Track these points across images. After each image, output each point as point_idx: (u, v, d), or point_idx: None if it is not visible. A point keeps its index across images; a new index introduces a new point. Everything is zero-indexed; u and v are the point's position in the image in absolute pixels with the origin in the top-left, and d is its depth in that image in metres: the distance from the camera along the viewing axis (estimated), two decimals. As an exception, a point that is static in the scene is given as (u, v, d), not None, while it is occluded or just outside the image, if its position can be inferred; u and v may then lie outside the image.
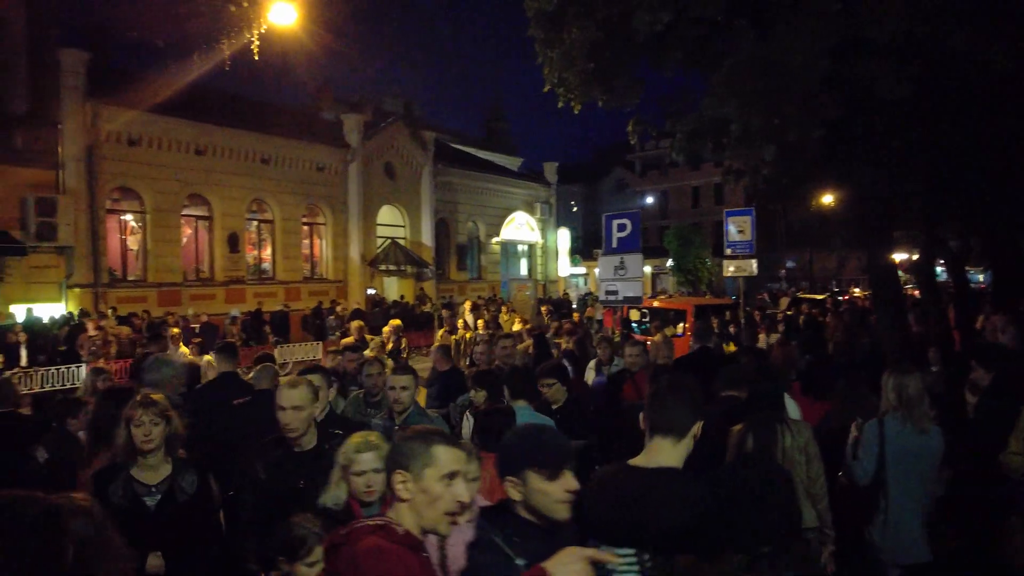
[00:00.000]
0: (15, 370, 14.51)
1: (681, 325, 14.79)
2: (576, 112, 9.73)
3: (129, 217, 23.07)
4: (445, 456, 2.16)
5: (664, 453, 2.62)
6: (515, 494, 2.23)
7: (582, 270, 44.17)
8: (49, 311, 19.07)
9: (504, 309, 21.01)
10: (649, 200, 56.54)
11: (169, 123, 22.63)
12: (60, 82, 20.22)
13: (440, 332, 14.85)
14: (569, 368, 6.83)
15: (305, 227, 28.48)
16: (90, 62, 20.79)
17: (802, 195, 16.21)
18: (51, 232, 19.75)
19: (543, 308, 21.90)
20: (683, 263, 41.92)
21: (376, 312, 23.27)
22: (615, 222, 9.86)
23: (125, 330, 17.80)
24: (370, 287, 29.30)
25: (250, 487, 3.67)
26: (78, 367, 15.47)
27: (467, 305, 21.21)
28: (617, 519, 2.48)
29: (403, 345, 10.73)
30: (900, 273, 15.78)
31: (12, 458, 4.49)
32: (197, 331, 17.94)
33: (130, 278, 22.90)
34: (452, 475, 2.14)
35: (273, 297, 25.49)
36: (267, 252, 27.33)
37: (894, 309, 9.53)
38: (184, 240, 24.26)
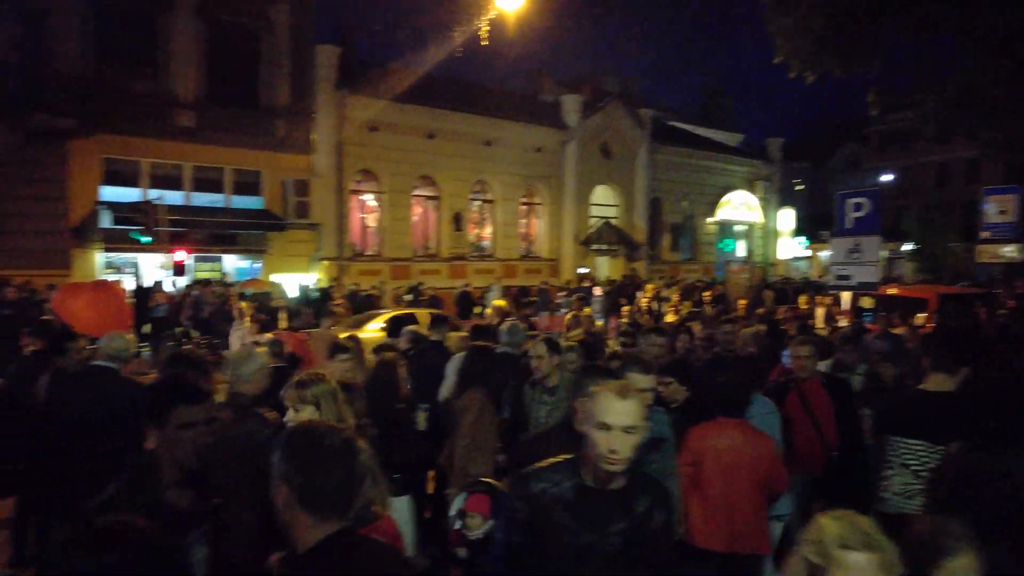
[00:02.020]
0: (278, 332, 16.58)
1: (921, 315, 13.42)
2: (809, 82, 9.17)
3: (368, 197, 25.31)
4: None
5: (940, 383, 3.85)
6: None
7: (806, 252, 41.44)
8: (301, 281, 21.52)
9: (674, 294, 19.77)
10: (886, 178, 51.52)
11: (405, 110, 24.42)
12: (315, 76, 22.59)
13: (567, 317, 14.82)
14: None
15: (523, 207, 29.48)
16: (340, 56, 23.03)
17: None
18: (304, 211, 22.28)
19: (767, 293, 20.86)
20: (925, 247, 37.85)
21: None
22: (850, 201, 9.17)
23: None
24: (582, 266, 29.72)
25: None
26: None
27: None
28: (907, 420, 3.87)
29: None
30: None
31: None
32: (428, 301, 19.36)
33: (368, 253, 25.15)
34: None
35: (491, 274, 26.72)
36: (487, 231, 28.67)
37: None
38: (415, 218, 26.18)
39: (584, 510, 2.38)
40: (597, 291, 20.96)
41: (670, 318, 12.58)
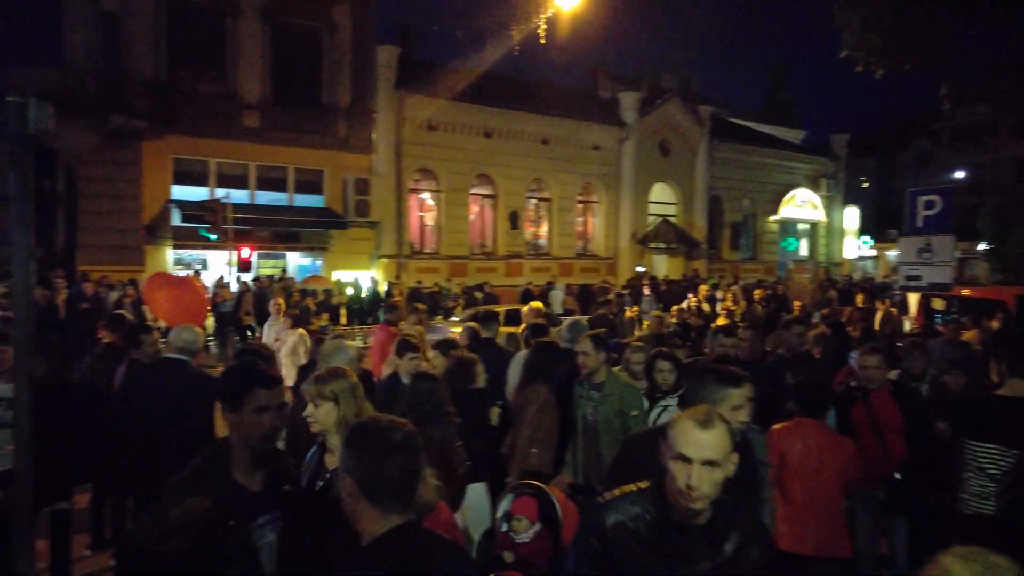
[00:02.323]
0: (338, 328, 16.93)
1: (995, 319, 12.84)
2: (878, 77, 8.89)
3: (427, 196, 25.59)
4: None
5: (1018, 388, 3.76)
6: None
7: (871, 252, 40.16)
8: (362, 278, 21.91)
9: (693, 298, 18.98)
10: (958, 175, 49.51)
11: (462, 109, 24.61)
12: (375, 76, 22.96)
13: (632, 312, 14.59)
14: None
15: (579, 205, 29.38)
16: (400, 56, 23.35)
17: None
18: (365, 209, 22.68)
19: (832, 293, 20.30)
20: (1001, 247, 36.21)
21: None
22: (921, 199, 8.84)
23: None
24: (639, 265, 29.45)
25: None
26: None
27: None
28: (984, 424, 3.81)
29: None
30: None
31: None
32: (480, 299, 19.48)
33: (426, 251, 25.44)
34: None
35: (547, 272, 26.70)
36: (543, 229, 28.67)
37: None
38: (471, 217, 26.36)
39: (664, 548, 2.11)
40: (647, 291, 20.69)
41: (722, 321, 12.28)
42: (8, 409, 4.89)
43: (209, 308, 13.63)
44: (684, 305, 14.84)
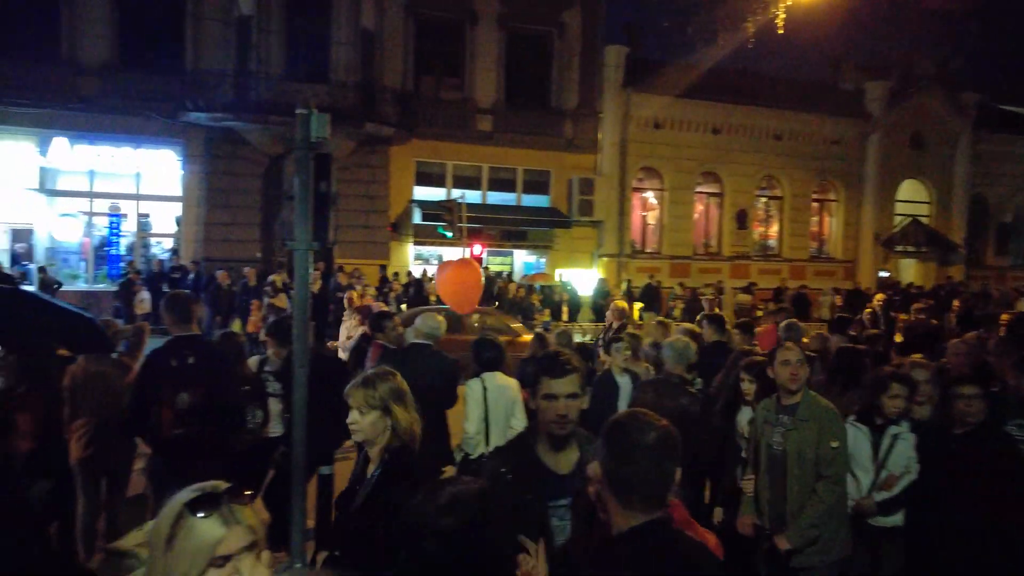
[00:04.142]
0: (559, 324, 17.38)
1: None
2: None
3: (650, 195, 25.36)
4: None
5: None
6: None
7: None
8: (583, 277, 22.25)
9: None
10: None
11: (689, 106, 24.07)
12: (603, 76, 23.19)
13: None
14: None
15: (815, 203, 27.50)
16: (627, 56, 23.37)
17: None
18: (588, 208, 23.00)
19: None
20: None
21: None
22: None
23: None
24: (883, 269, 26.91)
25: None
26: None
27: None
28: None
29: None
30: None
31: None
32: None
33: (647, 250, 25.24)
34: None
35: (776, 275, 25.30)
36: (773, 229, 27.20)
37: None
38: (696, 216, 25.71)
39: None
40: (879, 298, 17.80)
41: (899, 338, 10.48)
42: (277, 381, 5.64)
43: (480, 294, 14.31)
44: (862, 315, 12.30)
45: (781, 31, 13.18)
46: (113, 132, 18.42)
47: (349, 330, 9.40)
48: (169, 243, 20.19)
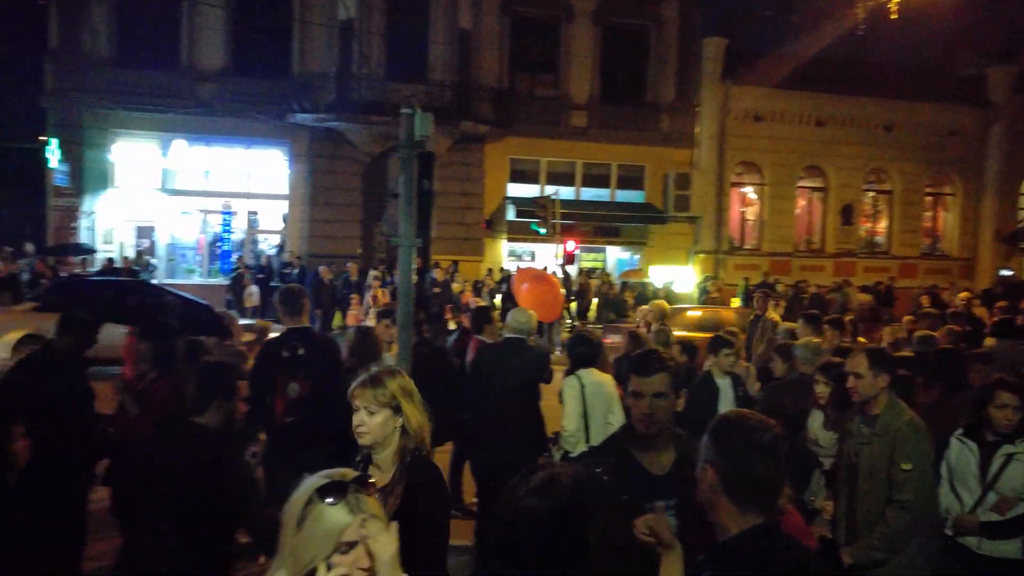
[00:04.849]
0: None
1: None
2: None
3: (748, 189, 24.65)
4: None
5: None
6: None
7: None
8: (677, 275, 21.85)
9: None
10: None
11: (792, 97, 23.24)
12: (701, 69, 22.70)
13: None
14: None
15: (928, 198, 26.04)
16: (726, 47, 22.78)
17: None
18: (684, 204, 22.59)
19: None
20: None
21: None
22: None
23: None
24: (1005, 267, 25.16)
25: None
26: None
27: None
28: None
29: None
30: None
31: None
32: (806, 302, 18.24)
33: (746, 247, 24.54)
34: None
35: (883, 272, 24.07)
36: (881, 225, 25.92)
37: None
38: (797, 211, 24.81)
39: None
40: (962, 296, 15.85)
41: (989, 341, 9.29)
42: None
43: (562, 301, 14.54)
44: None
45: (894, 15, 12.45)
46: (226, 134, 19.56)
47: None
48: (276, 239, 21.16)
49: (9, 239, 18.85)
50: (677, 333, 8.23)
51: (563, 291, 14.84)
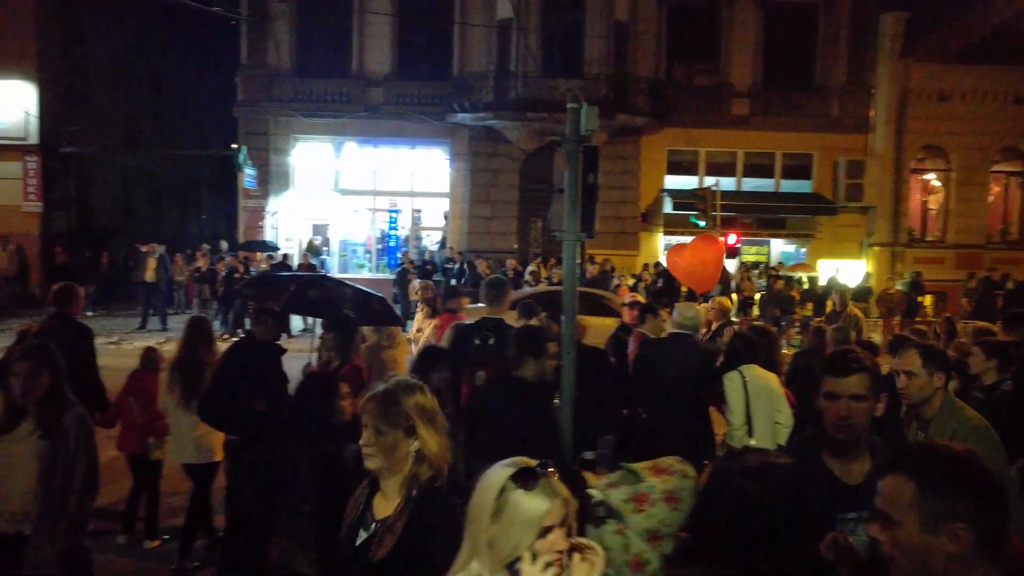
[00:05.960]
0: (816, 320, 16.17)
1: None
2: None
3: (931, 176, 22.62)
4: None
5: None
6: None
7: None
8: (850, 268, 20.44)
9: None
10: None
11: (983, 73, 21.05)
12: (877, 47, 21.08)
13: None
14: None
15: None
16: (906, 22, 20.99)
17: None
18: (857, 193, 21.08)
19: None
20: None
21: None
22: None
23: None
24: None
25: None
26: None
27: None
28: None
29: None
30: None
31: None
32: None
33: (928, 238, 22.56)
34: None
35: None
36: (1097, 212, 22.92)
37: None
38: (991, 199, 22.46)
39: None
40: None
41: None
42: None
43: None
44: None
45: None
46: (392, 136, 20.70)
47: (419, 322, 8.24)
48: (438, 236, 22.06)
49: (207, 238, 21.06)
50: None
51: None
